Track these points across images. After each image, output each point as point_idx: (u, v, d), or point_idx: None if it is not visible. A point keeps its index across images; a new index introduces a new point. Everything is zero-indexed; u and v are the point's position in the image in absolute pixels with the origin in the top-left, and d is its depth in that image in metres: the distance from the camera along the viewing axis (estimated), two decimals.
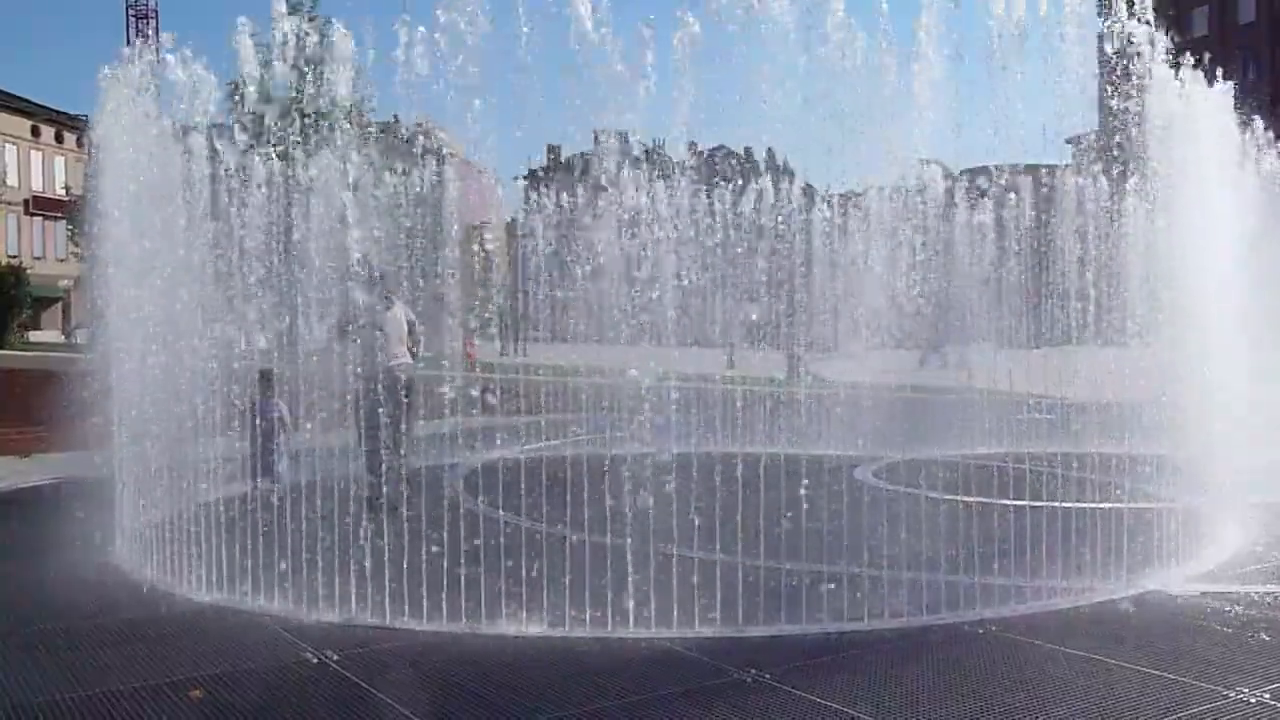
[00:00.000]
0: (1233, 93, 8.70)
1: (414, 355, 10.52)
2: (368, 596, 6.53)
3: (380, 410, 9.35)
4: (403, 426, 9.70)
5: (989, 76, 7.21)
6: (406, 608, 6.39)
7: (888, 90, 7.22)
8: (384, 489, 7.85)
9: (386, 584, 6.49)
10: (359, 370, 9.49)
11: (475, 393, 9.62)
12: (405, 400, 9.79)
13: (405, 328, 10.01)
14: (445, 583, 6.44)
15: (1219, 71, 8.50)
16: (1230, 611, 6.55)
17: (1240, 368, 8.51)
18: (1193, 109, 7.94)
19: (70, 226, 46.17)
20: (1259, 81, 56.46)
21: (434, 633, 6.26)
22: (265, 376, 11.06)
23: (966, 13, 7.33)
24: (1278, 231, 10.85)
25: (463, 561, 6.36)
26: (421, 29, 6.60)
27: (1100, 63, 7.54)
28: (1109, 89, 7.58)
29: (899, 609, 6.44)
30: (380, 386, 9.42)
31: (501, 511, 8.15)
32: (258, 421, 10.70)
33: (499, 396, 11.05)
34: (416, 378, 10.03)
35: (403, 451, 9.64)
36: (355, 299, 9.68)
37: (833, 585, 6.53)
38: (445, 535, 6.63)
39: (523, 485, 8.33)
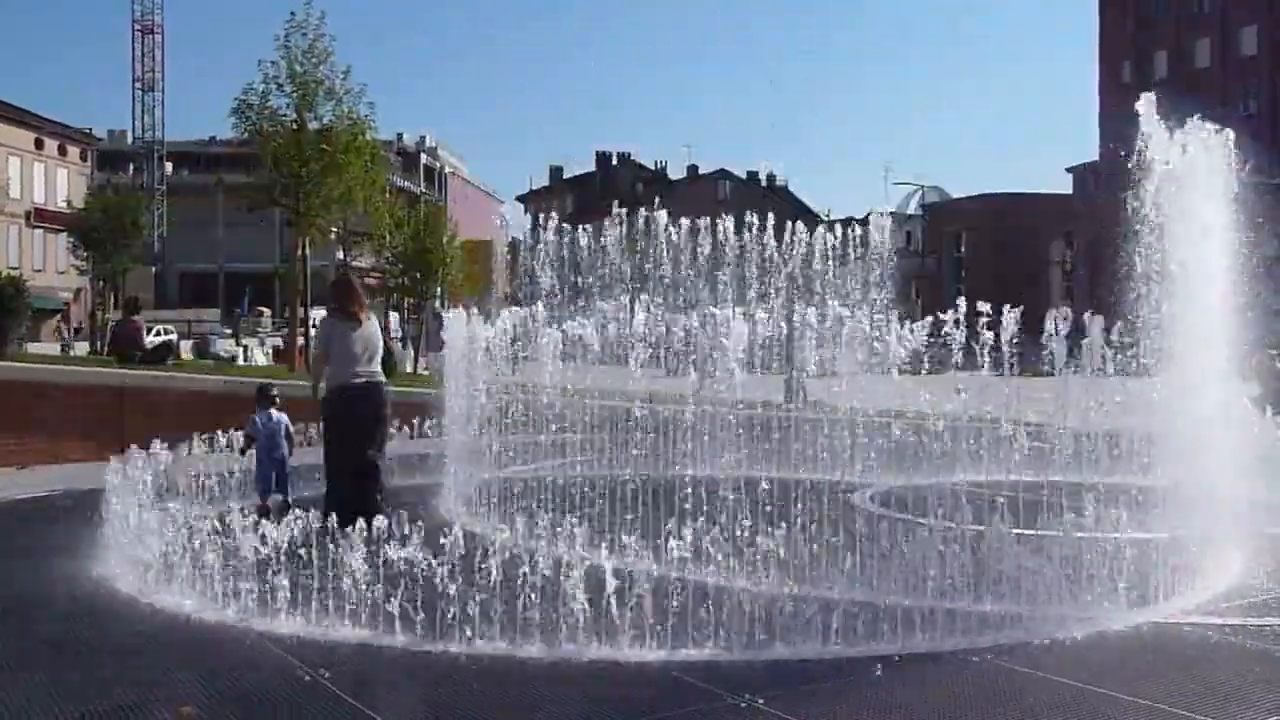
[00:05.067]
0: (1232, 125, 8.69)
1: (390, 373, 10.44)
2: (359, 613, 6.48)
3: (347, 427, 9.31)
4: (375, 443, 9.60)
5: (990, 105, 7.23)
6: (397, 625, 6.34)
7: (885, 118, 7.23)
8: (334, 505, 7.66)
9: (377, 601, 6.44)
10: (328, 387, 9.48)
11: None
12: (376, 417, 9.69)
13: (379, 344, 9.87)
14: (434, 600, 6.37)
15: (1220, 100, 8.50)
16: (1229, 643, 6.51)
17: (1238, 397, 8.49)
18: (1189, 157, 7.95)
19: (71, 239, 46.12)
20: (1260, 112, 56.69)
21: (424, 651, 6.21)
22: (264, 391, 11.03)
23: (969, 37, 7.34)
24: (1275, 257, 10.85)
25: (451, 579, 6.29)
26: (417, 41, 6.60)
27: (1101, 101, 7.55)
28: (1107, 135, 7.59)
29: (895, 635, 6.39)
30: (350, 403, 9.36)
31: (494, 528, 8.10)
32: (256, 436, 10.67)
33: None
34: (388, 395, 9.91)
35: (377, 468, 9.54)
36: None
37: (830, 610, 6.48)
38: (431, 553, 6.54)
39: (515, 503, 8.30)
